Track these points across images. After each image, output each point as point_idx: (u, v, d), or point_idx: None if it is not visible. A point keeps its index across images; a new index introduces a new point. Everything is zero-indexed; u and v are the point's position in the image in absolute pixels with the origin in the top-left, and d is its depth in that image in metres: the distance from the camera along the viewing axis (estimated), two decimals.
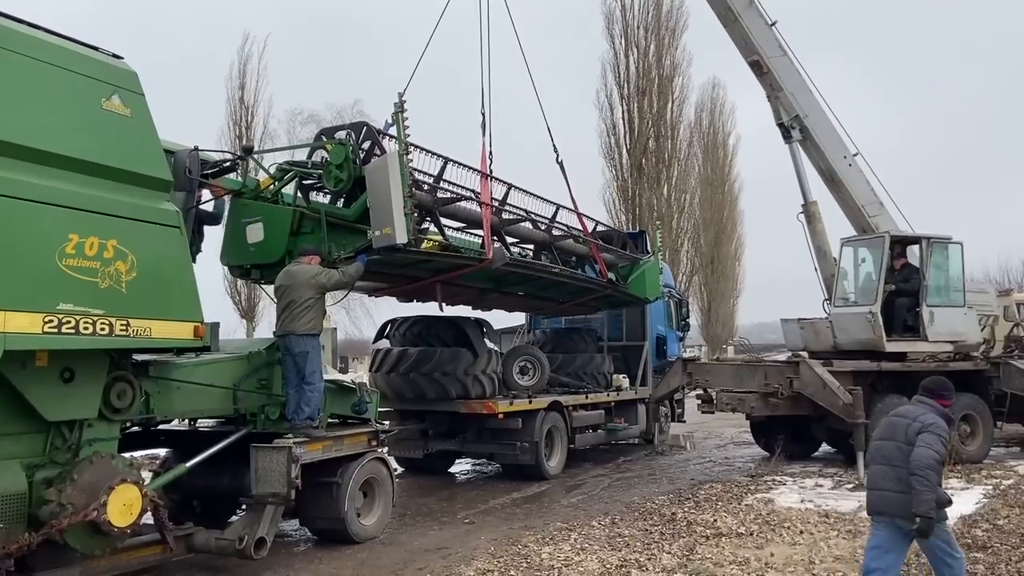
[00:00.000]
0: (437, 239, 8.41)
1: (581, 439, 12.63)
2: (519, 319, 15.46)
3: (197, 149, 7.28)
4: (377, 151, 7.61)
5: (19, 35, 5.24)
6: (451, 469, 12.73)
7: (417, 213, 7.58)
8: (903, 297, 12.66)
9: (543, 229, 10.44)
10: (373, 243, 7.27)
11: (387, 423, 10.01)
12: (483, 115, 10.52)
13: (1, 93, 5.06)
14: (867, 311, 12.45)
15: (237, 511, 8.03)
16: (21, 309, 4.86)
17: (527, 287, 11.05)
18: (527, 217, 10.02)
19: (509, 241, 9.79)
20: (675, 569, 6.55)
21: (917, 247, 12.89)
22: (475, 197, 8.82)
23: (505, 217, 9.59)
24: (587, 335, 14.22)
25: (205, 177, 7.52)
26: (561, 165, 11.55)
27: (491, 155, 10.16)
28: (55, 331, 5.01)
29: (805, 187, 13.76)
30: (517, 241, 10.32)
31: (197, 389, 6.77)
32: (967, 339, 13.05)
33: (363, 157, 7.58)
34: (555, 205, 10.55)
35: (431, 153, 8.14)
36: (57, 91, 5.37)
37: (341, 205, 7.88)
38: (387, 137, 7.76)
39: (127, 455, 6.17)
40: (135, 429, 7.04)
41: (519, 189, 9.77)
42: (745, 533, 7.72)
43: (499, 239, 9.27)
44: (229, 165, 8.15)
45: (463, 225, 9.26)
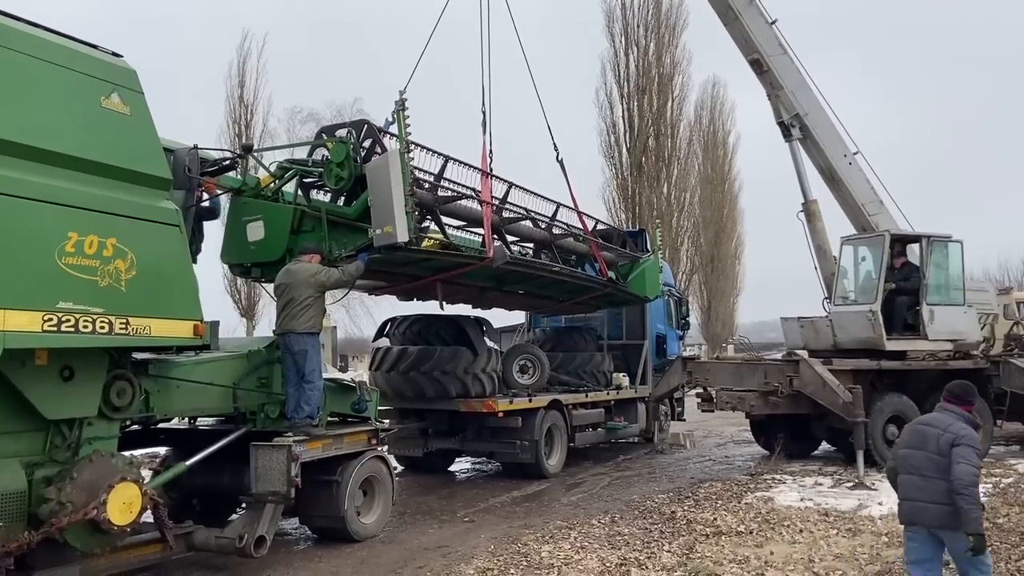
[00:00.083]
0: (438, 238, 8.40)
1: (581, 438, 12.63)
2: (519, 318, 15.45)
3: (196, 147, 7.26)
4: (378, 149, 7.59)
5: (18, 33, 5.23)
6: (451, 468, 12.73)
7: (418, 212, 7.58)
8: (903, 296, 12.66)
9: (543, 228, 10.43)
10: (374, 241, 7.26)
11: (387, 422, 9.99)
12: (483, 113, 10.51)
13: (0, 91, 5.05)
14: (867, 310, 12.45)
15: (237, 509, 8.02)
16: (21, 307, 4.86)
17: (527, 286, 11.05)
18: (527, 216, 10.01)
19: (509, 240, 9.78)
20: (675, 567, 6.55)
21: (917, 246, 12.89)
22: (476, 195, 8.82)
23: (505, 216, 9.58)
24: (587, 334, 14.22)
25: (204, 175, 7.50)
26: (561, 163, 11.54)
27: (491, 153, 10.16)
28: (55, 329, 5.01)
29: (805, 186, 13.76)
30: (517, 240, 10.31)
31: (197, 387, 6.77)
32: (967, 338, 13.05)
33: (364, 155, 7.56)
34: (555, 204, 10.54)
35: (432, 151, 8.13)
36: (56, 89, 5.36)
37: (342, 203, 7.87)
38: (388, 135, 7.75)
39: (127, 453, 6.18)
40: (135, 427, 7.05)
41: (519, 187, 9.76)
42: (745, 531, 7.72)
43: (500, 238, 9.26)
44: (229, 163, 8.14)
45: (464, 224, 9.25)
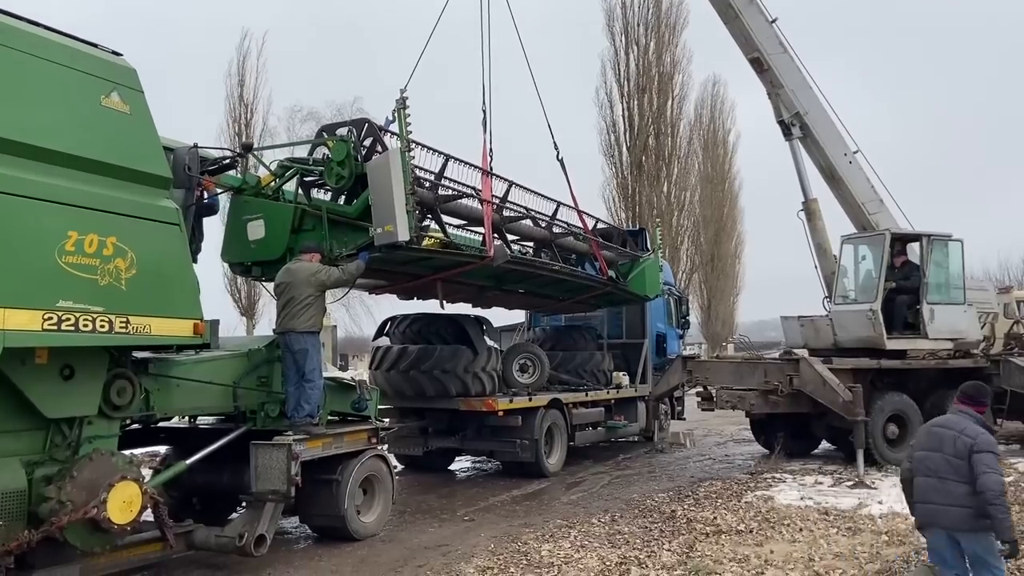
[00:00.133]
0: (438, 236, 8.39)
1: (581, 437, 12.63)
2: (519, 317, 15.45)
3: (196, 146, 7.25)
4: (379, 148, 7.58)
5: (18, 32, 5.23)
6: (451, 466, 12.74)
7: (419, 210, 7.57)
8: (903, 295, 12.66)
9: (543, 226, 10.42)
10: (375, 240, 7.25)
11: (387, 420, 9.99)
12: (484, 112, 10.49)
13: (1, 90, 5.05)
14: (867, 308, 12.45)
15: (237, 508, 8.02)
16: (21, 306, 4.86)
17: (528, 284, 11.04)
18: (528, 215, 10.01)
19: (510, 239, 9.77)
20: (675, 566, 6.56)
21: (917, 245, 12.89)
22: (476, 194, 8.81)
23: (506, 214, 9.57)
24: (587, 333, 14.22)
25: (204, 174, 7.50)
26: (562, 162, 11.52)
27: (491, 152, 10.15)
28: (55, 328, 5.01)
29: (805, 184, 13.75)
30: (518, 239, 10.30)
31: (197, 386, 6.76)
32: (967, 337, 13.05)
33: (365, 154, 7.55)
34: (556, 202, 10.53)
35: (432, 150, 8.11)
36: (56, 88, 5.36)
37: (342, 202, 7.86)
38: (388, 134, 7.74)
39: (127, 452, 6.18)
40: (135, 426, 7.05)
41: (520, 186, 9.74)
42: (745, 530, 7.73)
43: (500, 236, 9.26)
44: (229, 162, 8.13)
45: (464, 222, 9.24)
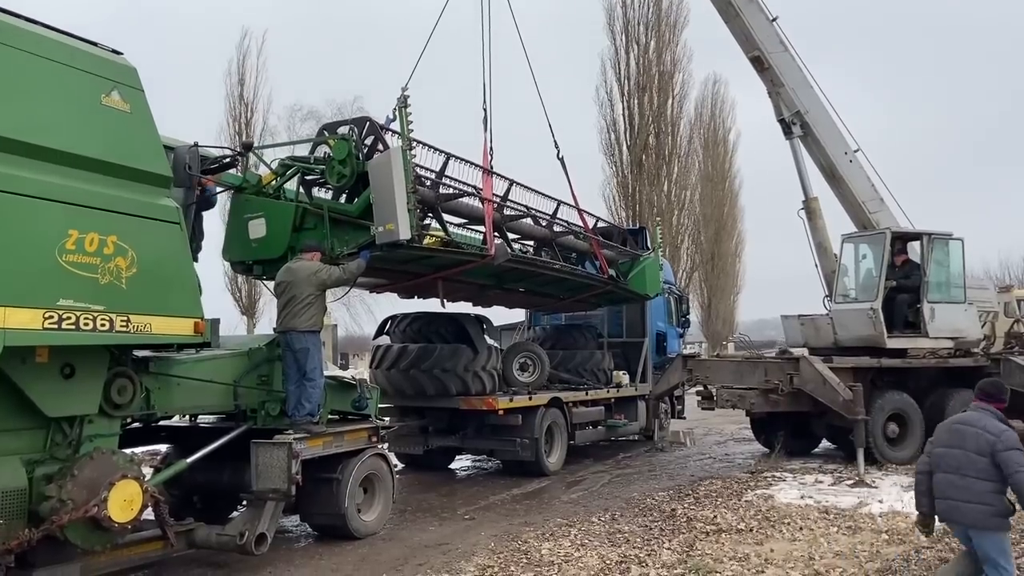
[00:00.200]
0: (439, 235, 8.38)
1: (581, 435, 12.63)
2: (519, 315, 15.45)
3: (197, 145, 7.25)
4: (380, 146, 7.56)
5: (18, 31, 5.22)
6: (451, 465, 12.74)
7: (420, 209, 7.56)
8: (904, 293, 12.66)
9: (544, 225, 10.41)
10: (376, 239, 7.24)
11: (387, 419, 9.99)
12: (485, 111, 10.49)
13: (0, 89, 5.05)
14: (868, 307, 12.45)
15: (238, 507, 8.03)
16: (21, 305, 4.86)
17: (528, 283, 11.04)
18: (528, 213, 10.00)
19: (510, 237, 9.77)
20: (675, 565, 6.56)
21: (918, 243, 12.89)
22: (477, 193, 8.80)
23: (506, 213, 9.57)
24: (587, 331, 14.22)
25: (205, 173, 7.49)
26: (562, 161, 11.53)
27: (492, 151, 10.16)
28: (55, 327, 5.01)
29: (806, 183, 13.76)
30: (518, 237, 10.29)
31: (198, 385, 6.77)
32: (967, 335, 13.05)
33: (366, 152, 7.54)
34: (556, 201, 10.53)
35: (433, 149, 8.11)
36: (56, 87, 5.35)
37: (344, 201, 7.85)
38: (389, 132, 7.73)
39: (128, 451, 6.17)
40: (136, 425, 7.05)
41: (520, 185, 9.74)
42: (745, 529, 7.73)
43: (501, 235, 9.26)
44: (229, 161, 8.13)
45: (465, 221, 9.23)
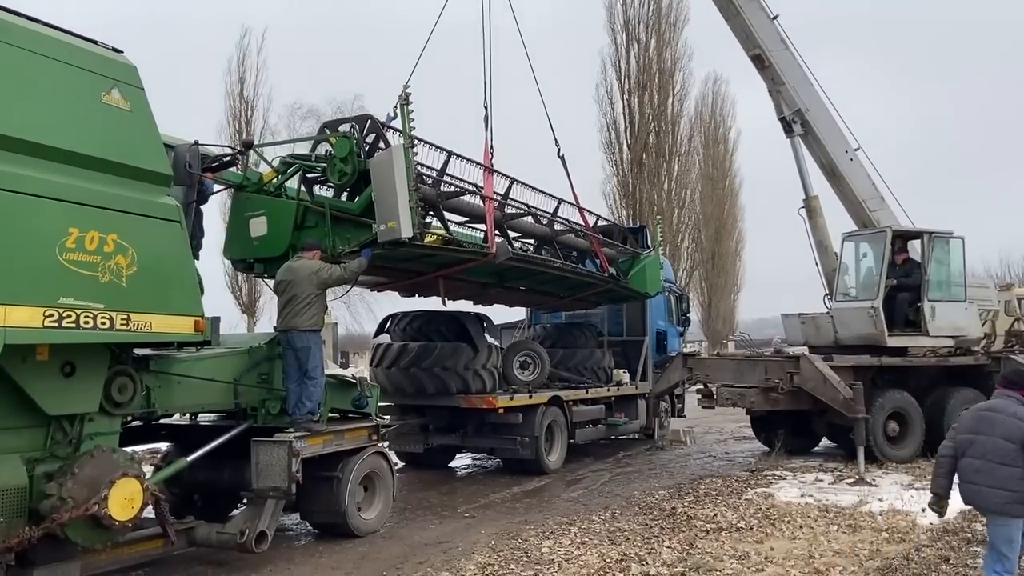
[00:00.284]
0: (440, 233, 8.38)
1: (581, 434, 12.64)
2: (519, 314, 15.46)
3: (197, 144, 7.25)
4: (381, 144, 7.55)
5: (18, 29, 5.22)
6: (451, 464, 12.75)
7: (421, 207, 7.55)
8: (904, 292, 12.66)
9: (545, 223, 10.41)
10: (378, 237, 7.23)
11: (387, 418, 10.00)
12: (486, 109, 10.48)
13: (1, 87, 5.05)
14: (869, 306, 12.45)
15: (238, 505, 8.04)
16: (22, 303, 4.85)
17: (529, 281, 11.04)
18: (529, 211, 10.00)
19: (511, 236, 9.77)
20: (675, 563, 6.55)
21: (918, 242, 12.89)
22: (478, 191, 8.80)
23: (507, 211, 9.57)
24: (587, 330, 14.21)
25: (205, 172, 7.49)
26: (563, 159, 11.52)
27: (492, 149, 10.14)
28: (56, 325, 5.01)
29: (806, 182, 13.75)
30: (519, 235, 10.29)
31: (198, 383, 6.77)
32: (968, 334, 13.04)
33: (367, 150, 7.53)
34: (557, 199, 10.53)
35: (434, 147, 8.09)
36: (57, 85, 5.35)
37: (345, 199, 7.83)
38: (391, 130, 7.72)
39: (128, 449, 6.18)
40: (136, 423, 7.05)
41: (521, 183, 9.74)
42: (745, 527, 7.73)
43: (502, 233, 9.26)
44: (229, 160, 8.13)
45: (466, 219, 9.23)
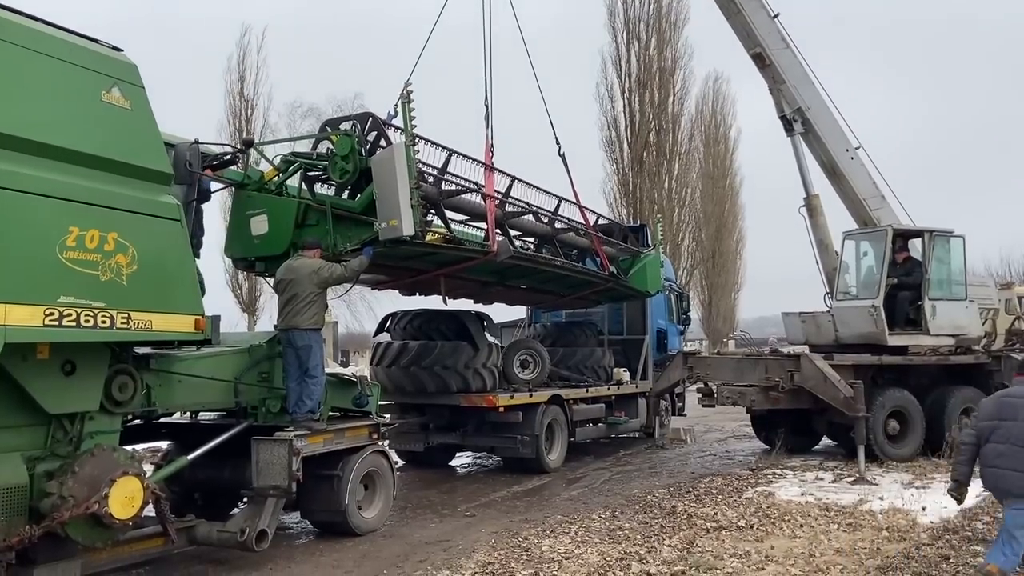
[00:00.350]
0: (441, 232, 8.38)
1: (581, 433, 12.64)
2: (520, 313, 15.46)
3: (198, 142, 7.24)
4: (383, 142, 7.53)
5: (18, 27, 5.21)
6: (452, 462, 12.76)
7: (423, 205, 7.55)
8: (905, 290, 12.66)
9: (545, 222, 10.41)
10: (379, 235, 7.23)
11: (388, 416, 10.00)
12: (486, 107, 10.47)
13: (1, 85, 5.04)
14: (869, 304, 12.45)
15: (238, 504, 8.04)
16: (22, 302, 4.85)
17: (530, 280, 11.04)
18: (530, 210, 10.00)
19: (512, 234, 9.77)
20: (675, 562, 6.55)
21: (919, 241, 12.88)
22: (479, 189, 8.79)
23: (508, 210, 9.57)
24: (588, 329, 14.21)
25: (205, 170, 7.48)
26: (563, 157, 11.51)
27: (493, 147, 10.13)
28: (56, 324, 5.00)
29: (807, 180, 13.74)
30: (520, 234, 10.29)
31: (198, 382, 6.77)
32: (968, 332, 13.03)
33: (369, 148, 7.52)
34: (557, 198, 10.52)
35: (435, 145, 8.08)
36: (57, 83, 5.34)
37: (346, 197, 7.82)
38: (392, 128, 7.71)
39: (129, 448, 6.19)
40: (137, 422, 7.05)
41: (522, 182, 9.73)
42: (745, 526, 7.73)
43: (503, 232, 9.25)
44: (230, 158, 8.12)
45: (466, 218, 9.23)
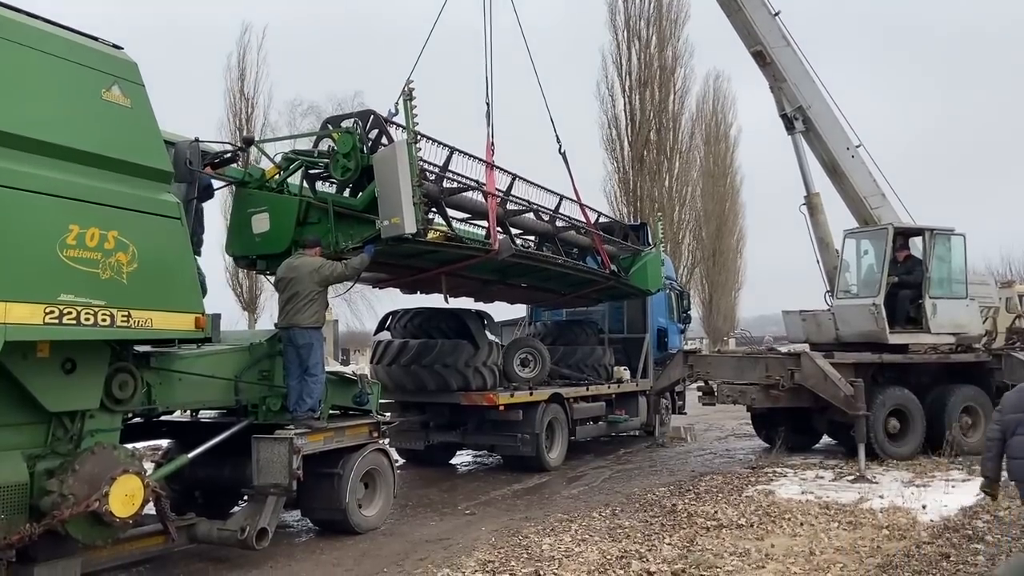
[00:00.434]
0: (443, 230, 8.37)
1: (582, 431, 12.64)
2: (520, 311, 15.46)
3: (198, 140, 7.24)
4: (384, 140, 7.52)
5: (18, 25, 5.21)
6: (452, 460, 12.76)
7: (425, 203, 7.54)
8: (906, 289, 12.64)
9: (546, 220, 10.40)
10: (381, 233, 7.21)
11: (388, 415, 10.00)
12: (487, 105, 10.46)
13: (1, 83, 5.04)
14: (870, 303, 12.44)
15: (239, 502, 8.05)
16: (22, 300, 4.85)
17: (531, 278, 11.04)
18: (531, 208, 9.99)
19: (513, 232, 9.76)
20: (675, 560, 6.55)
21: (920, 239, 12.87)
22: (480, 187, 8.78)
23: (509, 208, 9.56)
24: (588, 327, 14.21)
25: (206, 168, 7.47)
26: (564, 155, 11.50)
27: (494, 146, 10.12)
28: (56, 322, 5.01)
29: (807, 179, 13.72)
30: (521, 232, 10.28)
31: (199, 380, 6.77)
32: (969, 331, 13.02)
33: (370, 146, 7.50)
34: (558, 196, 10.51)
35: (437, 143, 8.06)
36: (57, 81, 5.34)
37: (348, 195, 7.80)
38: (394, 125, 7.70)
39: (129, 446, 6.19)
40: (137, 420, 7.05)
41: (523, 180, 9.72)
42: (746, 524, 7.73)
43: (504, 230, 9.24)
44: (230, 156, 8.11)
45: (468, 216, 9.22)
